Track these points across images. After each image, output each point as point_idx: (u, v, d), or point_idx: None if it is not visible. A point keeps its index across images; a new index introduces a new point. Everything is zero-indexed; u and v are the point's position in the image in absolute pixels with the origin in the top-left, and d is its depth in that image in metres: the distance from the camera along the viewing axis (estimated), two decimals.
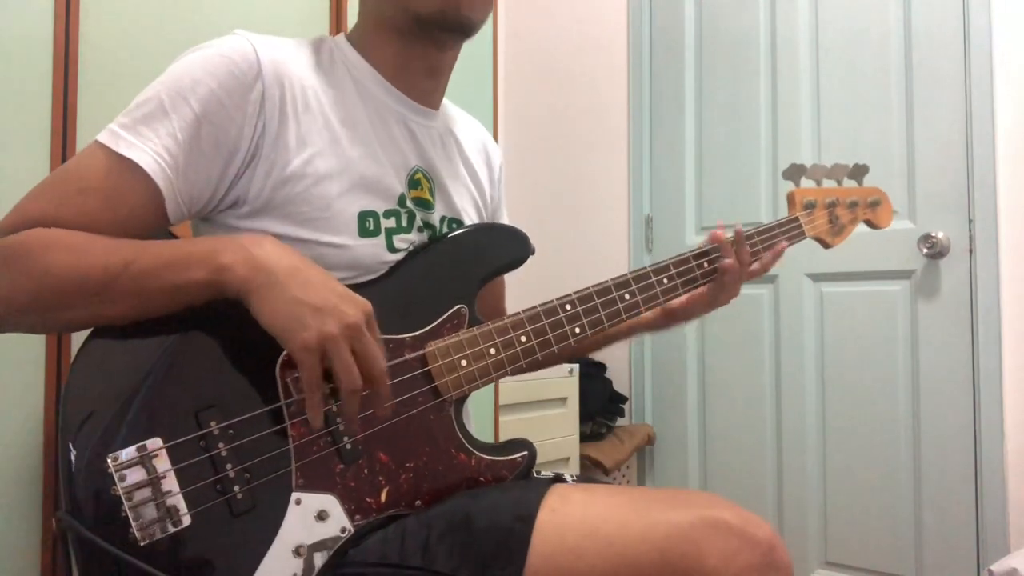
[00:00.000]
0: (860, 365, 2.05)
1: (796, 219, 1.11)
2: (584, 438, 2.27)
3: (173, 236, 1.10)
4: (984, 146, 1.85)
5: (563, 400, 2.18)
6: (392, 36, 0.88)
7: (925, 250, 1.92)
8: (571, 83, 2.67)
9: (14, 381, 1.12)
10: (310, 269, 0.72)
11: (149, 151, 0.74)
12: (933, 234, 1.91)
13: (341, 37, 0.91)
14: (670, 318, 1.07)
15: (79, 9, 1.20)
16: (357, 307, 0.71)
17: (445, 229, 0.94)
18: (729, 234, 1.03)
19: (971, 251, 1.88)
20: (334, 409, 0.76)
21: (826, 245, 1.15)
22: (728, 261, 1.00)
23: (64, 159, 1.17)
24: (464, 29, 0.87)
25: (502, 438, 1.85)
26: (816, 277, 2.14)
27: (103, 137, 0.75)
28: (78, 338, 1.15)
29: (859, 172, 1.17)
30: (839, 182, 1.16)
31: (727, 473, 2.29)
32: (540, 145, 2.71)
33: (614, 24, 2.57)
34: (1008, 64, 1.84)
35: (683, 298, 1.03)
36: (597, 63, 2.61)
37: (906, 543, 1.95)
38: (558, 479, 0.89)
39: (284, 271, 0.70)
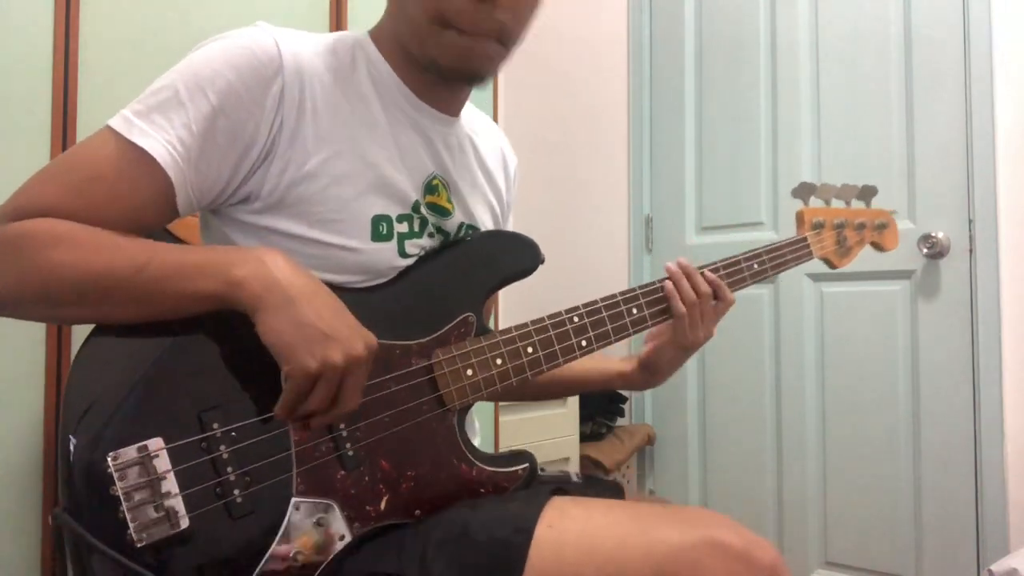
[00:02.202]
0: (860, 365, 2.04)
1: (804, 239, 1.11)
2: (584, 438, 2.26)
3: (171, 235, 1.10)
4: (984, 146, 1.85)
5: (563, 400, 2.18)
6: (413, 61, 0.86)
7: (925, 250, 1.92)
8: (571, 83, 2.67)
9: (14, 381, 1.12)
10: (323, 294, 0.71)
11: (162, 140, 0.72)
12: (933, 234, 1.91)
13: (366, 36, 0.88)
14: (650, 373, 1.03)
15: (79, 9, 1.19)
16: (364, 342, 0.70)
17: (461, 236, 0.93)
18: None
19: (971, 251, 1.88)
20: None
21: (832, 266, 1.16)
22: (677, 304, 0.95)
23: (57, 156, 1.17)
24: (476, 81, 0.86)
25: (502, 438, 1.85)
26: (816, 277, 2.14)
27: (115, 123, 0.73)
28: (78, 338, 1.15)
29: (868, 193, 1.18)
30: (848, 203, 1.17)
31: (727, 473, 2.29)
32: (540, 146, 2.71)
33: (614, 24, 2.57)
34: (1008, 64, 1.84)
35: (650, 348, 1.01)
36: (597, 63, 2.61)
37: (906, 543, 1.95)
38: (562, 480, 0.88)
39: (297, 292, 0.69)
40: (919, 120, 1.97)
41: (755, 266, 1.04)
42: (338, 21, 1.55)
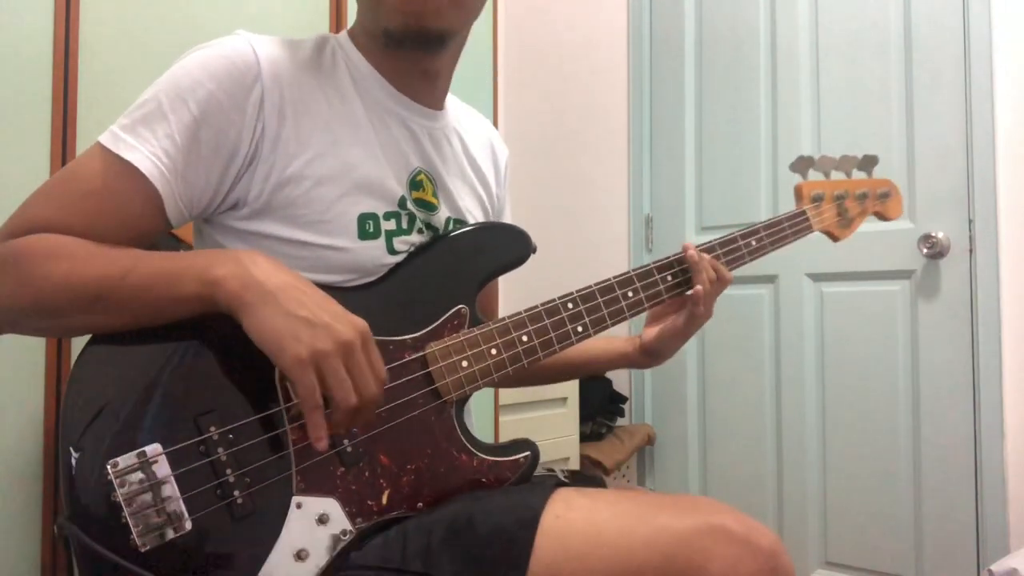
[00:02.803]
0: (860, 365, 2.05)
1: (803, 212, 1.08)
2: (584, 438, 2.27)
3: (176, 239, 1.10)
4: (984, 146, 1.85)
5: (563, 400, 2.18)
6: (380, 42, 0.86)
7: (925, 250, 1.92)
8: (571, 83, 2.67)
9: (14, 383, 1.12)
10: (304, 287, 0.71)
11: (147, 153, 0.74)
12: (933, 234, 1.91)
13: (345, 36, 0.89)
14: (653, 356, 1.04)
15: (79, 9, 1.20)
16: (352, 326, 0.69)
17: (450, 230, 0.93)
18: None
19: (971, 251, 1.88)
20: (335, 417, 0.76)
21: (834, 238, 1.13)
22: (699, 288, 0.96)
23: (64, 159, 1.17)
24: (434, 40, 0.84)
25: (502, 438, 1.85)
26: (816, 277, 2.14)
27: (104, 138, 0.75)
28: (78, 341, 1.15)
29: (869, 163, 1.15)
30: (848, 174, 1.14)
31: (727, 473, 2.29)
32: (540, 145, 2.71)
33: (614, 24, 2.57)
34: (1008, 64, 1.84)
35: (654, 335, 1.02)
36: (597, 63, 2.61)
37: (906, 543, 1.95)
38: (559, 484, 0.88)
39: (277, 287, 0.69)
40: (919, 120, 1.97)
41: (753, 243, 1.03)
42: (338, 21, 1.55)
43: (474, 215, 0.98)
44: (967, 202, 1.89)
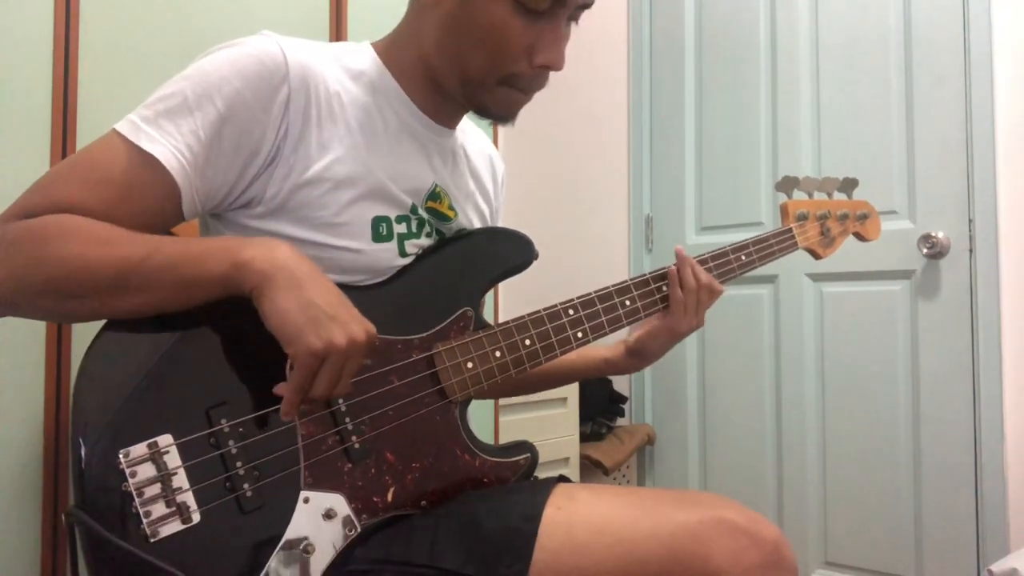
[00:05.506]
0: (860, 365, 2.05)
1: (789, 230, 1.14)
2: (584, 438, 2.27)
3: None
4: (984, 146, 1.85)
5: (563, 400, 2.18)
6: (432, 83, 0.87)
7: (925, 250, 1.93)
8: (571, 83, 2.67)
9: (14, 381, 1.11)
10: (325, 279, 0.72)
11: (169, 147, 0.73)
12: (933, 234, 1.91)
13: (370, 48, 0.90)
14: (639, 357, 1.06)
15: (79, 9, 1.19)
16: (364, 329, 0.70)
17: (456, 235, 0.95)
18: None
19: (971, 251, 1.88)
20: (343, 409, 0.77)
21: (817, 256, 1.19)
22: (676, 291, 0.99)
23: (64, 159, 1.17)
24: (501, 122, 0.90)
25: (502, 438, 1.85)
26: (816, 277, 2.14)
27: (123, 128, 0.74)
28: (79, 340, 1.16)
29: (849, 185, 1.21)
30: (829, 195, 1.20)
31: (727, 473, 2.29)
32: (540, 145, 2.71)
33: (614, 24, 2.57)
34: (1008, 64, 1.84)
35: (643, 332, 1.03)
36: (597, 63, 2.61)
37: (906, 543, 1.95)
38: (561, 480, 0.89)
39: (303, 274, 0.69)
40: (919, 120, 1.97)
41: (742, 257, 1.07)
42: (338, 23, 1.55)
43: (476, 226, 1.00)
44: (967, 202, 1.89)
